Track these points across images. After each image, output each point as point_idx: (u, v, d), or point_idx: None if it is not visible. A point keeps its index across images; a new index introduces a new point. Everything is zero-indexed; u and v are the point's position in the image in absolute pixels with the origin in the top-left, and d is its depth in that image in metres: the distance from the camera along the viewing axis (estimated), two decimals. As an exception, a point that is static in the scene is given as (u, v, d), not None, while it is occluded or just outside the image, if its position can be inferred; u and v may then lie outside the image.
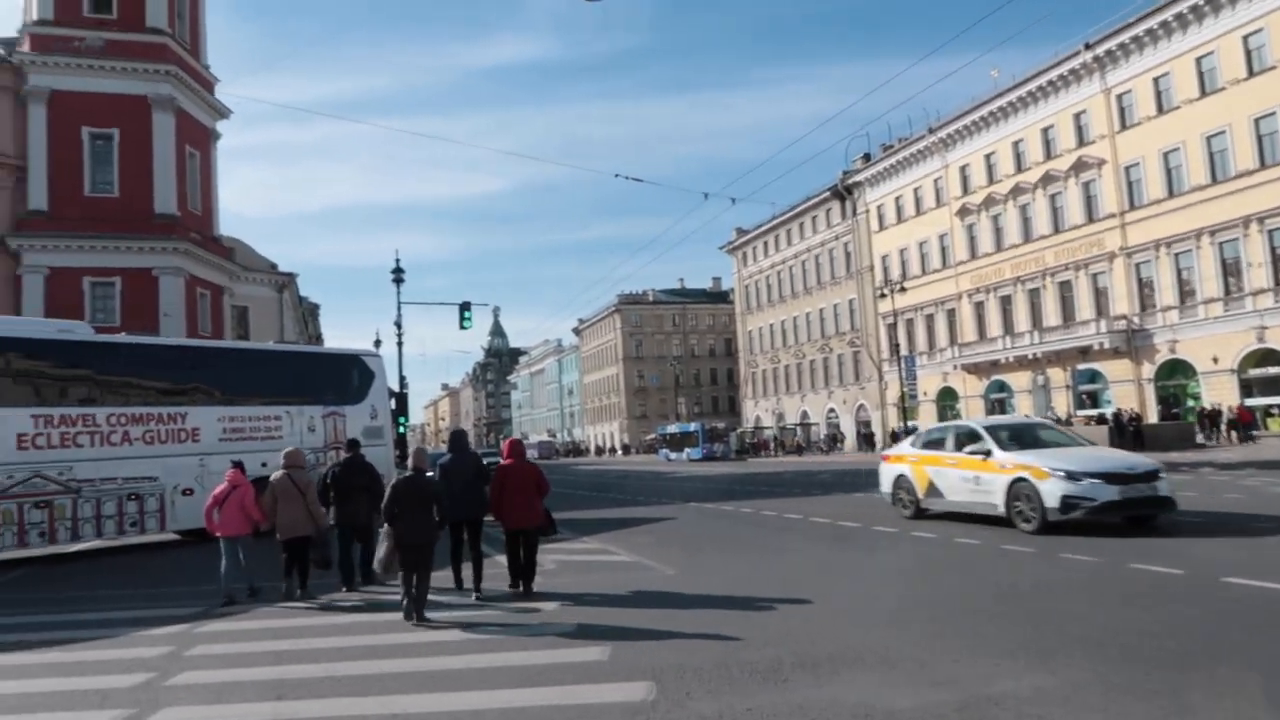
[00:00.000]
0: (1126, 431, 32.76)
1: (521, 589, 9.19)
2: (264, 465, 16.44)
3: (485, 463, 10.04)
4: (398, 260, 30.44)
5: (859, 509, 16.32)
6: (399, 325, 30.22)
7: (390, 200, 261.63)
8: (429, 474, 8.68)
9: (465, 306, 32.01)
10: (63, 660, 7.20)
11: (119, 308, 36.12)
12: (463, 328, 31.66)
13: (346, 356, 20.90)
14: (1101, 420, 39.42)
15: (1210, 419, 35.24)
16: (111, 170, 38.18)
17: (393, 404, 22.45)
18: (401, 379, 29.66)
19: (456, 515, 9.13)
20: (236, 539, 9.76)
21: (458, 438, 10.14)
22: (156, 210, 38.00)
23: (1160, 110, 38.22)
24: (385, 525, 8.30)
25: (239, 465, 10.33)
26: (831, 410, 66.40)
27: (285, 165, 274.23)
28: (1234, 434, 34.05)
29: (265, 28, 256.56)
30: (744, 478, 32.32)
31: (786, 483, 27.76)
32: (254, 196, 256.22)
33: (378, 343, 43.14)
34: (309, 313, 69.18)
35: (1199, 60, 36.54)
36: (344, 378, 19.42)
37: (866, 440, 55.87)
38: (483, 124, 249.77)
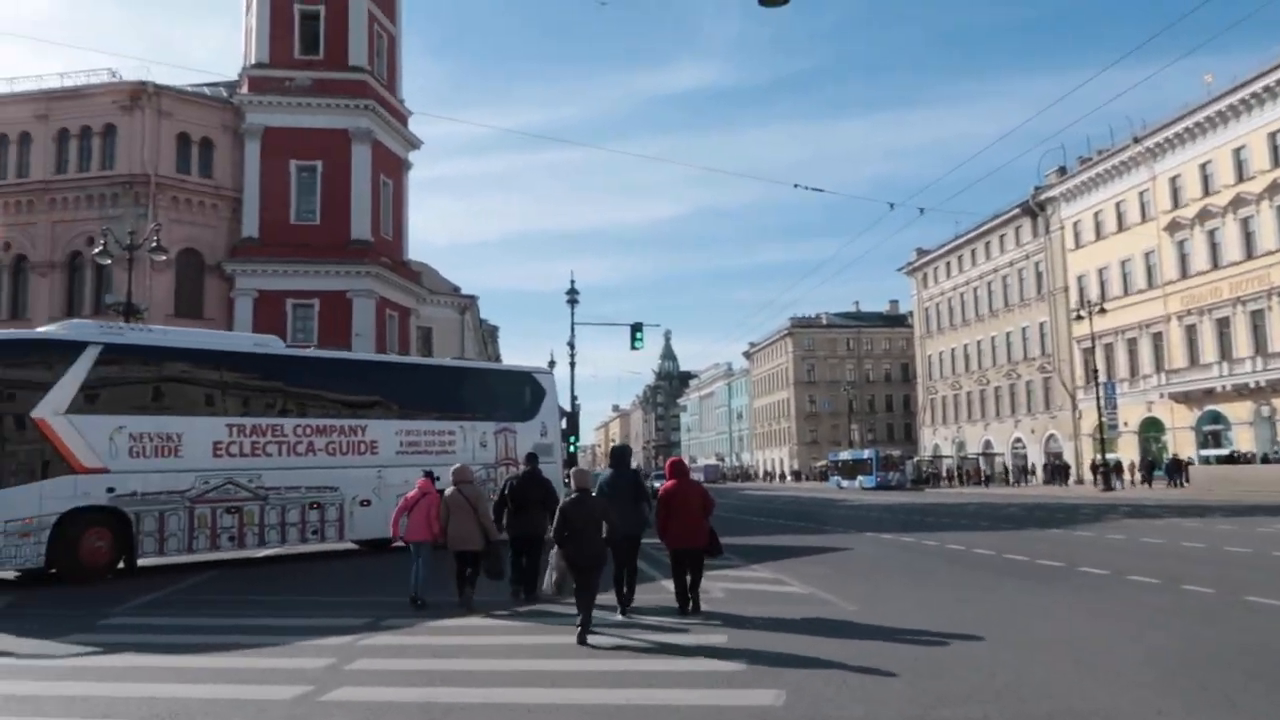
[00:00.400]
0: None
1: (690, 609, 9.04)
2: (436, 479, 16.83)
3: (649, 484, 9.78)
4: (572, 282, 30.90)
5: (1058, 547, 14.82)
6: (572, 345, 30.55)
7: (567, 226, 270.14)
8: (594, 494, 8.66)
9: (637, 328, 32.03)
10: (227, 666, 7.21)
11: (316, 327, 38.41)
12: (634, 348, 31.71)
13: (519, 374, 21.12)
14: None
15: None
16: (314, 199, 40.86)
17: (563, 423, 22.54)
18: (573, 399, 29.99)
19: (620, 531, 8.95)
20: (421, 545, 10.19)
21: (619, 454, 10.15)
22: (353, 236, 40.30)
23: None
24: (555, 547, 8.34)
25: (430, 474, 10.92)
26: (1018, 440, 62.38)
27: (469, 195, 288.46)
28: None
29: (455, 65, 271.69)
30: (923, 508, 30.56)
31: (971, 515, 25.95)
32: (440, 225, 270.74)
33: (551, 363, 43.83)
34: (488, 334, 71.78)
35: None
36: (516, 395, 19.61)
37: (1059, 472, 51.98)
38: (660, 149, 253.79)
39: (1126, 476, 45.43)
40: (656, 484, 46.48)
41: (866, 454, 66.41)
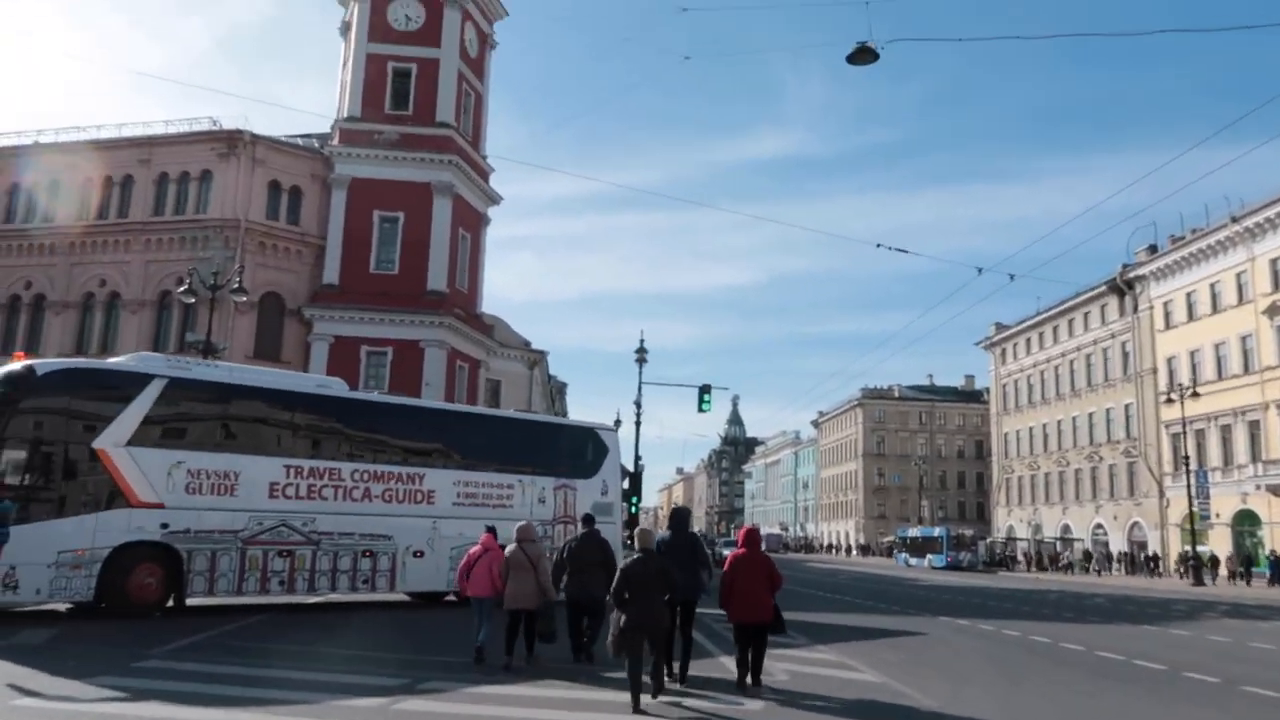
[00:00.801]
0: None
1: (750, 684, 8.69)
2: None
3: (715, 550, 9.32)
4: (641, 340, 30.56)
5: (1155, 646, 13.60)
6: (638, 405, 30.07)
7: (643, 288, 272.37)
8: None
9: (705, 390, 31.46)
10: (254, 725, 6.76)
11: (388, 375, 38.72)
12: (701, 410, 31.11)
13: (582, 429, 20.67)
14: None
15: None
16: (394, 249, 41.57)
17: (625, 483, 21.98)
18: (637, 459, 29.43)
19: (680, 595, 8.76)
20: (484, 600, 10.10)
21: (678, 516, 10.08)
22: (429, 287, 40.78)
23: None
24: (616, 608, 8.13)
25: (492, 530, 10.87)
26: (1099, 526, 59.49)
27: (549, 254, 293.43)
28: None
29: (541, 125, 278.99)
30: (1000, 593, 28.95)
31: (1053, 604, 24.42)
32: (519, 282, 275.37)
33: (617, 422, 43.29)
34: (557, 390, 71.88)
35: None
36: (578, 451, 19.11)
37: (1146, 563, 49.27)
38: (740, 215, 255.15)
39: (1221, 571, 42.76)
40: (726, 551, 45.37)
41: (937, 532, 64.10)
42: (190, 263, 36.76)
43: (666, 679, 8.40)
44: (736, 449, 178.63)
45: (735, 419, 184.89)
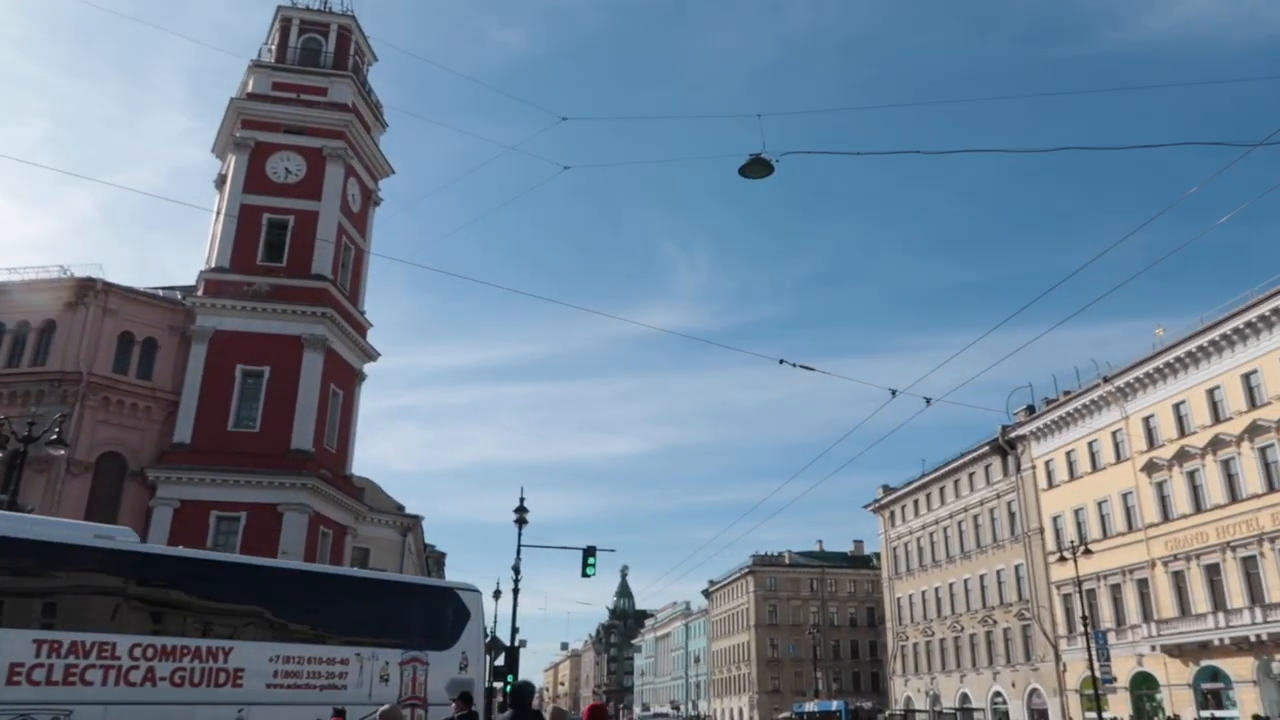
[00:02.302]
0: None
1: None
2: None
3: None
4: (521, 499, 28.07)
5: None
6: (517, 570, 27.31)
7: (529, 459, 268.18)
8: None
9: (589, 552, 28.99)
10: None
11: (239, 542, 34.81)
12: (585, 575, 28.50)
13: (437, 589, 17.84)
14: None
15: None
16: (257, 406, 38.53)
17: (500, 659, 19.02)
18: (514, 630, 26.38)
19: None
20: None
21: (520, 693, 9.46)
22: (293, 445, 37.69)
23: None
24: None
25: (341, 714, 10.35)
26: (997, 694, 57.82)
27: (435, 424, 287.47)
28: None
29: (430, 298, 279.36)
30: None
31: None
32: (405, 453, 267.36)
33: (497, 593, 40.16)
34: (434, 560, 67.31)
35: None
36: (433, 616, 16.07)
37: None
38: (629, 387, 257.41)
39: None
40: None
41: (835, 706, 61.41)
42: (22, 419, 32.91)
43: None
44: (625, 622, 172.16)
45: (624, 590, 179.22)
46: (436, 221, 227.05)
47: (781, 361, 15.79)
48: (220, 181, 44.10)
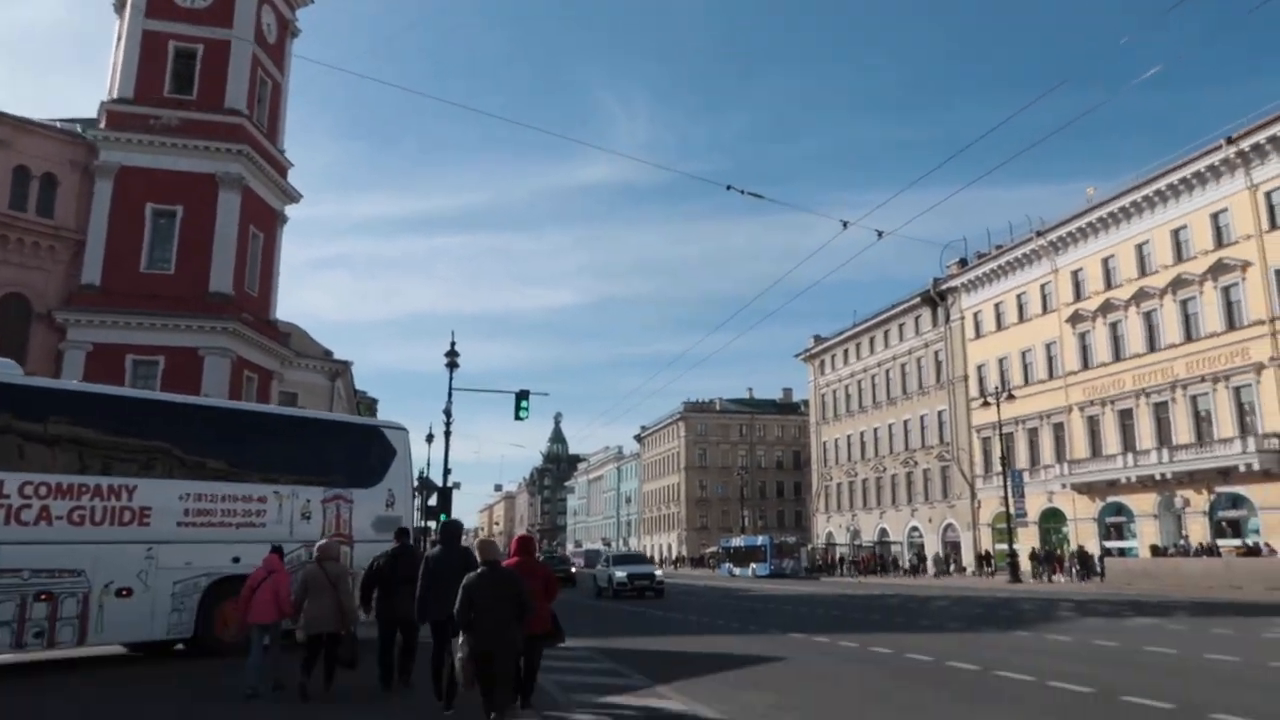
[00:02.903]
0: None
1: (521, 704, 8.24)
2: (236, 560, 12.87)
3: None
4: (453, 343, 27.31)
5: (1054, 659, 12.01)
6: (448, 414, 26.87)
7: (463, 310, 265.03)
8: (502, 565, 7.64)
9: (523, 395, 28.64)
10: None
11: (159, 386, 33.58)
12: (519, 418, 28.25)
13: (362, 427, 17.14)
14: (1252, 551, 34.12)
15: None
16: (170, 247, 36.41)
17: (433, 500, 18.71)
18: (446, 471, 26.22)
19: (438, 614, 8.29)
20: (266, 628, 9.58)
21: (449, 529, 9.77)
22: (211, 289, 35.92)
23: (1320, 205, 34.10)
24: (460, 633, 7.27)
25: (278, 550, 10.14)
26: (914, 529, 61.03)
27: (366, 274, 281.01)
28: None
29: (365, 146, 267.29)
30: (838, 601, 27.60)
31: (894, 609, 23.23)
32: (336, 303, 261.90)
33: (429, 437, 39.95)
34: (366, 406, 66.82)
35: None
36: (357, 454, 15.26)
37: (983, 562, 50.86)
38: (566, 240, 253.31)
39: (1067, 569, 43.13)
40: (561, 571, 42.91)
41: (760, 540, 63.98)
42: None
43: (446, 710, 8.09)
44: (559, 466, 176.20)
45: (558, 436, 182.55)
46: (359, 59, 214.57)
47: (729, 188, 15.11)
48: (120, 5, 40.15)
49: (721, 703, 9.01)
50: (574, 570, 44.95)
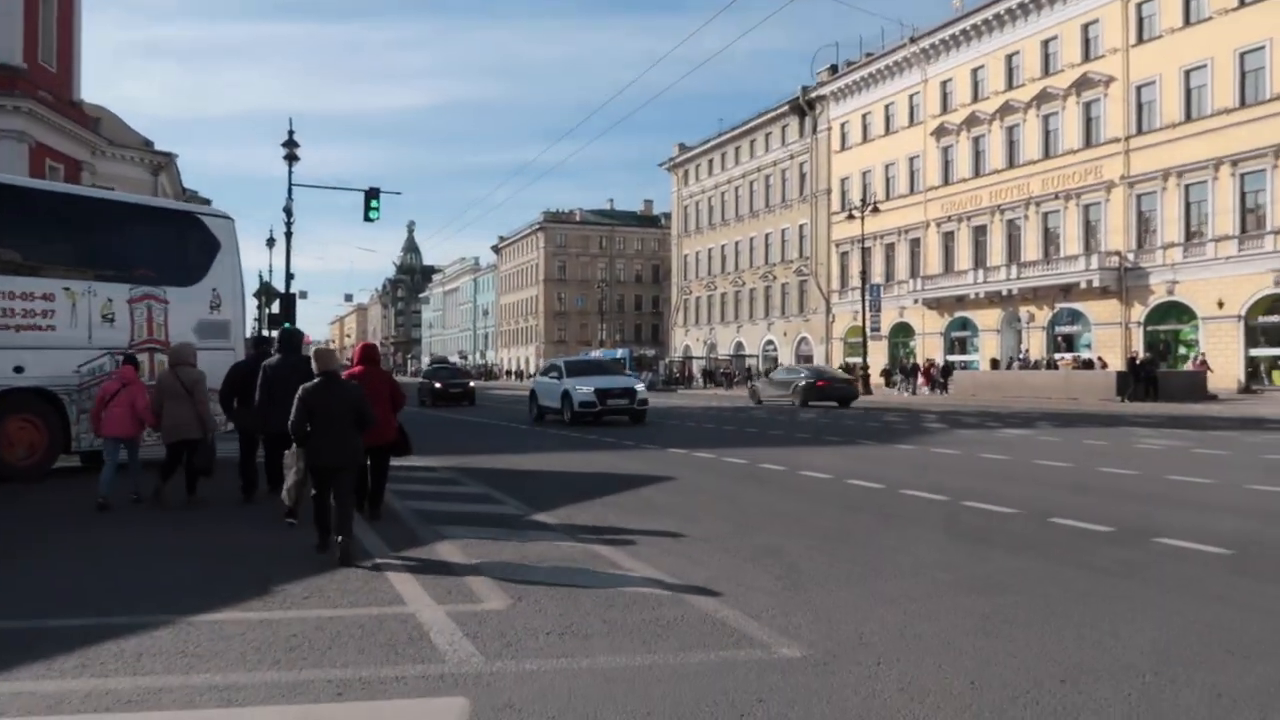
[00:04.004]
0: (1139, 378, 29.22)
1: (368, 515, 8.10)
2: (18, 371, 10.81)
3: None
4: (290, 133, 24.13)
5: (951, 474, 11.68)
6: (289, 212, 24.13)
7: (308, 109, 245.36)
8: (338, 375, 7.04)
9: (373, 194, 25.98)
10: None
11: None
12: (368, 218, 25.69)
13: (177, 213, 14.54)
14: (1087, 365, 36.08)
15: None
16: (-64, 7, 30.48)
17: (275, 307, 16.62)
18: (289, 277, 23.75)
19: (274, 426, 8.16)
20: (121, 441, 9.15)
21: (288, 336, 9.52)
22: (-7, 59, 30.55)
23: (1187, 21, 34.02)
24: (294, 445, 7.15)
25: (132, 360, 9.52)
26: (770, 342, 62.33)
27: (197, 64, 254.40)
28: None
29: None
30: (706, 414, 27.45)
31: (764, 421, 23.12)
32: (162, 95, 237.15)
33: (270, 241, 36.60)
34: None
35: (1236, -36, 32.31)
36: (170, 246, 12.85)
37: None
38: (414, 34, 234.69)
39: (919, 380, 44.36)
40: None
41: (620, 353, 63.99)
42: None
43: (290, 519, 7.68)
44: (413, 277, 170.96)
45: (411, 246, 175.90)
46: None
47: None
48: None
49: (625, 533, 7.89)
50: (472, 385, 36.29)
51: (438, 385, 34.77)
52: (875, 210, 41.81)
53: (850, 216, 43.00)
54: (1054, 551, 6.74)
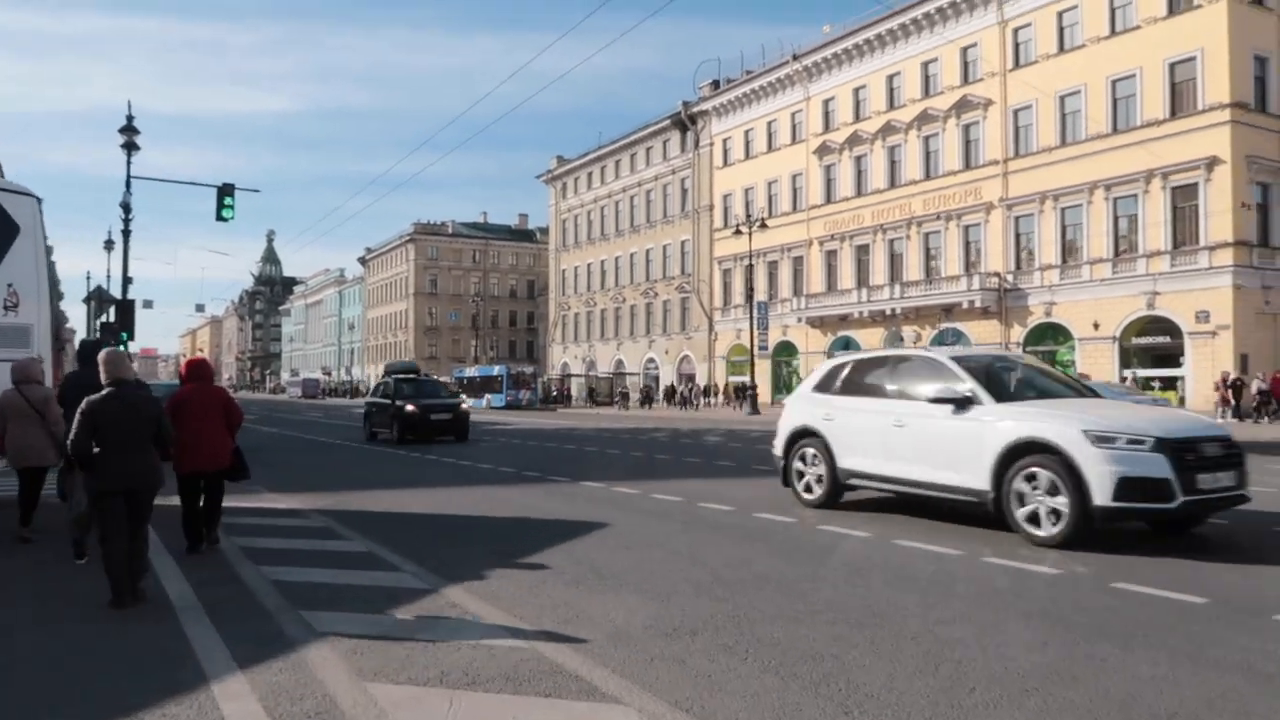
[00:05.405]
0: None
1: (204, 547, 7.53)
2: None
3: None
4: (129, 117, 21.23)
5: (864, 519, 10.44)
6: (126, 208, 21.21)
7: (164, 111, 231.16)
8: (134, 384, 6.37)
9: (226, 191, 23.24)
10: None
11: None
12: (221, 218, 22.90)
13: None
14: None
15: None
16: None
17: (111, 315, 14.03)
18: (126, 281, 20.79)
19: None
20: None
21: (88, 350, 8.49)
22: None
23: (1062, 48, 34.92)
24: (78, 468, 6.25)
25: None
26: (651, 360, 61.40)
27: (37, 56, 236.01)
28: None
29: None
30: (604, 437, 25.56)
31: (672, 446, 21.39)
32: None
33: (109, 243, 32.85)
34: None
35: (1113, -6, 33.34)
36: None
37: (740, 393, 51.35)
38: (276, 36, 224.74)
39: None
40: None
41: (497, 370, 61.84)
42: None
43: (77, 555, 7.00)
44: (272, 289, 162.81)
45: (270, 256, 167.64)
46: None
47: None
48: None
49: (572, 632, 6.10)
50: (466, 408, 25.06)
51: (410, 409, 21.78)
52: (763, 226, 41.41)
53: (737, 232, 42.47)
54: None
